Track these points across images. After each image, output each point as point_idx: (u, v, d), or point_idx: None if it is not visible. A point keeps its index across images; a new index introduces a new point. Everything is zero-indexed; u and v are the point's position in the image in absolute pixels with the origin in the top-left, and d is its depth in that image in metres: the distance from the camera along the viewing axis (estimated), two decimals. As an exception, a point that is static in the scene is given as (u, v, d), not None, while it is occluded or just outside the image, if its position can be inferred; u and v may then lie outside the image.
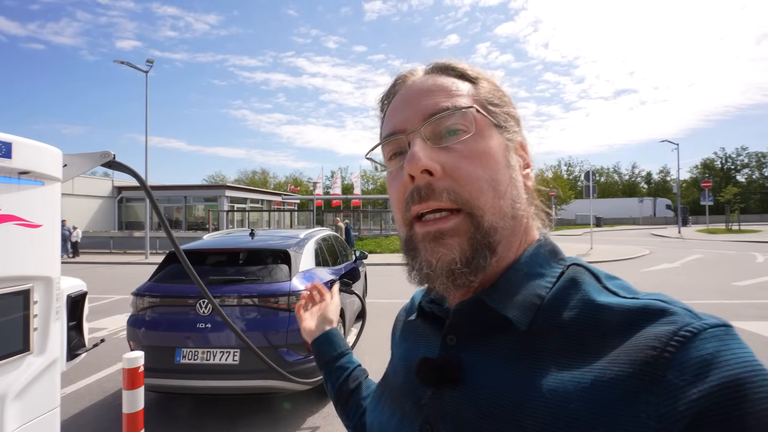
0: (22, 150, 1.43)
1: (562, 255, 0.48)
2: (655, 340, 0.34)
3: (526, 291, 0.43)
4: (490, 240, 0.42)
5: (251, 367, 2.75)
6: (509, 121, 0.48)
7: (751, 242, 19.38)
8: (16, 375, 1.45)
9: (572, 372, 0.37)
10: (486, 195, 0.43)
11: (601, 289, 0.41)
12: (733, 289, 8.07)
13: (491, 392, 0.40)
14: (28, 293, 1.48)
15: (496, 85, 0.50)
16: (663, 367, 0.32)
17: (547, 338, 0.40)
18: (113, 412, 3.38)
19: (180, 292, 3.00)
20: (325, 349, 0.77)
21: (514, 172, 0.46)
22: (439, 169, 0.43)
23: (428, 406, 0.45)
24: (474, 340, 0.44)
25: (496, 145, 0.45)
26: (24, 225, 1.47)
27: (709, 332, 0.33)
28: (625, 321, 0.37)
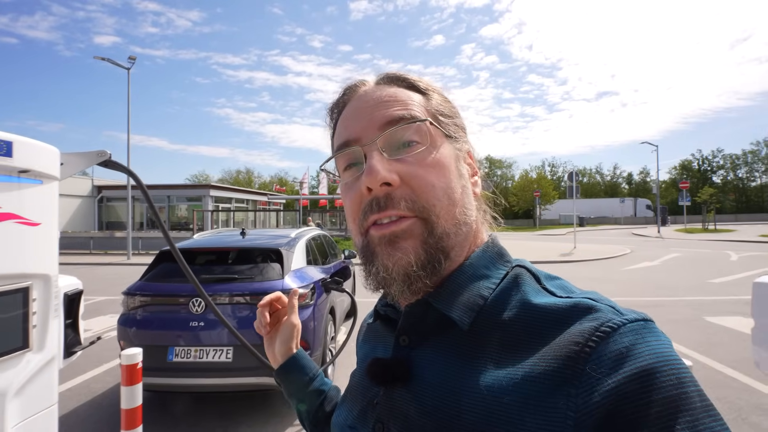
0: (23, 149, 1.44)
1: (508, 257, 0.49)
2: (578, 335, 0.36)
3: (470, 292, 0.44)
4: (443, 245, 0.44)
5: (245, 365, 2.78)
6: (458, 132, 0.50)
7: (725, 241, 20.08)
8: (15, 372, 1.46)
9: (507, 369, 0.38)
10: (441, 203, 0.44)
11: (539, 289, 0.43)
12: (709, 286, 8.40)
13: (435, 390, 0.42)
14: (28, 291, 1.50)
15: (444, 97, 0.51)
16: (583, 360, 0.34)
17: (487, 337, 0.42)
18: (101, 412, 3.36)
19: (172, 290, 3.01)
20: (295, 375, 0.71)
21: (464, 180, 0.48)
22: (397, 179, 0.44)
23: (380, 405, 0.46)
24: (423, 341, 0.46)
25: (447, 155, 0.47)
26: (23, 223, 1.48)
27: (628, 327, 0.35)
28: (555, 319, 0.39)
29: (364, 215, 0.45)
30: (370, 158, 0.44)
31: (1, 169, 1.39)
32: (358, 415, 0.49)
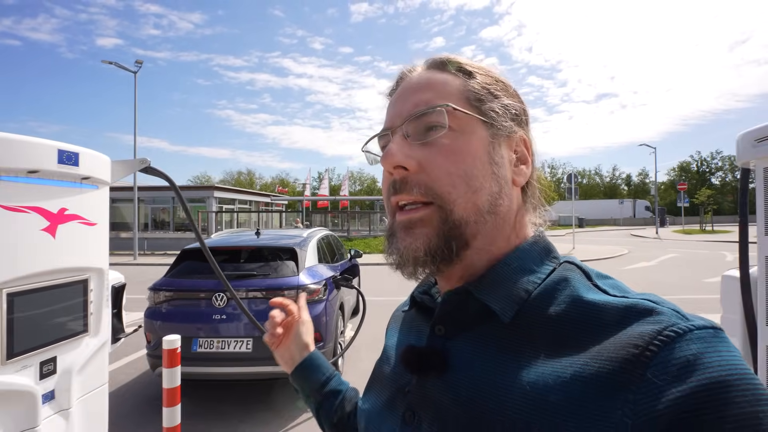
0: (86, 158, 1.66)
1: (556, 253, 0.48)
2: (638, 338, 0.34)
3: (513, 285, 0.43)
4: (459, 232, 0.43)
5: (264, 354, 3.00)
6: (502, 116, 0.47)
7: (722, 242, 20.31)
8: (78, 352, 1.68)
9: (553, 366, 0.37)
10: (457, 190, 0.43)
11: (590, 286, 0.41)
12: (704, 286, 8.63)
13: (472, 382, 0.41)
14: (87, 282, 1.71)
15: (492, 78, 0.49)
16: (643, 365, 0.32)
17: (530, 331, 0.40)
18: (123, 404, 3.58)
19: (195, 286, 3.23)
20: (312, 376, 0.70)
21: (498, 168, 0.46)
22: (414, 165, 0.44)
23: (412, 393, 0.45)
24: (460, 331, 0.45)
25: (476, 140, 0.45)
26: (84, 223, 1.70)
27: (695, 333, 0.33)
28: (610, 318, 0.37)
29: (388, 196, 0.47)
30: (392, 142, 0.46)
31: (69, 177, 1.61)
32: (387, 402, 0.49)
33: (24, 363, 1.42)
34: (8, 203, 1.35)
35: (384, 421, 0.48)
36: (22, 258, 1.39)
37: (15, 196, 1.38)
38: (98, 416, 1.79)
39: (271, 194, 32.57)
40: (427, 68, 0.50)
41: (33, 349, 1.44)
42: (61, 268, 1.56)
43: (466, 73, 0.48)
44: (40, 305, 1.48)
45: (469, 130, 0.45)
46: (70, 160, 1.59)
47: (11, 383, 1.36)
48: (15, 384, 1.37)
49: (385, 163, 0.46)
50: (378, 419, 0.49)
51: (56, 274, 1.54)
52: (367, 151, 0.54)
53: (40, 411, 1.43)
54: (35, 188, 1.46)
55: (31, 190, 1.44)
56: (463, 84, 0.47)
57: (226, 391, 3.71)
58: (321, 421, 0.70)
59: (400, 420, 0.45)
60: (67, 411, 1.58)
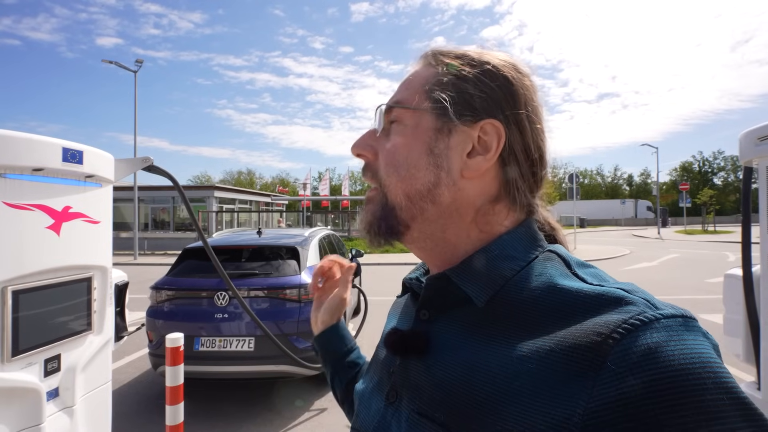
0: (90, 157, 1.67)
1: (542, 242, 0.48)
2: (603, 326, 0.34)
3: (491, 271, 0.44)
4: (394, 214, 0.48)
5: (266, 353, 3.00)
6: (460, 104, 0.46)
7: (724, 242, 20.27)
8: (82, 350, 1.68)
9: (521, 350, 0.37)
10: (390, 178, 0.48)
11: (567, 273, 0.42)
12: (706, 286, 8.63)
13: (447, 364, 0.42)
14: (90, 280, 1.72)
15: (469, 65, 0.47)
16: (604, 353, 0.32)
17: (503, 316, 0.41)
18: (122, 404, 3.58)
19: (197, 285, 3.24)
20: (336, 343, 0.73)
21: (436, 158, 0.46)
22: (371, 154, 0.50)
23: (395, 374, 0.48)
24: (442, 315, 0.47)
25: (416, 132, 0.47)
26: (88, 221, 1.71)
27: (661, 322, 0.33)
28: (580, 305, 0.37)
29: None
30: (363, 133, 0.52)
31: (73, 175, 1.61)
32: (377, 383, 0.52)
33: (29, 360, 1.43)
34: (13, 201, 1.36)
35: (373, 400, 0.51)
36: (27, 255, 1.40)
37: (20, 194, 1.38)
38: (101, 414, 1.79)
39: (271, 194, 32.60)
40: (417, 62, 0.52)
41: (38, 347, 1.44)
42: (66, 265, 1.57)
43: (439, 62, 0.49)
44: (44, 303, 1.49)
45: (411, 123, 0.47)
46: (75, 159, 1.60)
47: (16, 380, 1.36)
48: (20, 381, 1.38)
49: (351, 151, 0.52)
50: (368, 398, 0.52)
51: (60, 271, 1.55)
52: None
53: (44, 408, 1.44)
54: (40, 186, 1.46)
55: (35, 188, 1.44)
56: (429, 75, 0.48)
57: (227, 390, 3.71)
58: (334, 386, 0.73)
59: (384, 398, 0.48)
60: (71, 408, 1.59)
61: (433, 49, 0.50)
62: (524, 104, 0.47)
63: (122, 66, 15.18)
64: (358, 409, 0.54)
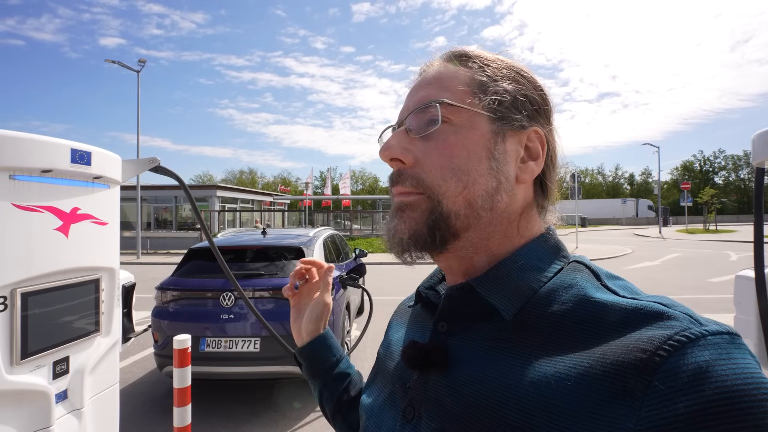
0: (98, 158, 1.66)
1: (566, 252, 0.46)
2: (647, 342, 0.32)
3: (517, 282, 0.42)
4: (447, 224, 0.43)
5: (271, 354, 2.99)
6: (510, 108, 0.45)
7: (726, 242, 20.25)
8: (90, 352, 1.67)
9: (556, 366, 0.35)
10: (447, 184, 0.43)
11: (599, 286, 0.40)
12: (708, 286, 8.60)
13: (472, 380, 0.40)
14: (98, 282, 1.71)
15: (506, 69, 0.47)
16: (651, 371, 0.30)
17: (533, 330, 0.39)
18: (129, 403, 3.58)
19: (203, 285, 3.23)
20: (324, 354, 0.67)
21: (497, 163, 0.44)
22: (410, 158, 0.45)
23: (413, 390, 0.45)
24: (463, 327, 0.44)
25: (473, 134, 0.44)
26: (96, 223, 1.70)
27: (708, 339, 0.31)
28: (618, 320, 0.35)
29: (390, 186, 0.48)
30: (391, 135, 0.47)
31: (81, 176, 1.60)
32: (388, 397, 0.49)
33: (38, 363, 1.42)
34: (22, 203, 1.35)
35: (385, 416, 0.48)
36: (36, 258, 1.39)
37: (29, 196, 1.37)
38: (110, 416, 1.79)
39: (273, 193, 32.62)
40: (442, 61, 0.50)
41: (46, 349, 1.44)
42: (74, 267, 1.56)
43: (478, 64, 0.47)
44: (53, 305, 1.48)
45: (467, 124, 0.44)
46: (83, 160, 1.59)
47: (25, 383, 1.36)
48: (29, 383, 1.37)
49: (381, 155, 0.46)
50: (379, 414, 0.49)
51: (69, 273, 1.54)
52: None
53: (53, 411, 1.43)
54: (48, 188, 1.45)
55: (44, 190, 1.43)
56: (471, 76, 0.46)
57: (233, 390, 3.71)
58: (323, 401, 0.68)
59: (401, 416, 0.45)
60: (79, 411, 1.58)
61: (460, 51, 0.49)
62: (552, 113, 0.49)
63: (125, 66, 15.18)
64: (366, 424, 0.51)
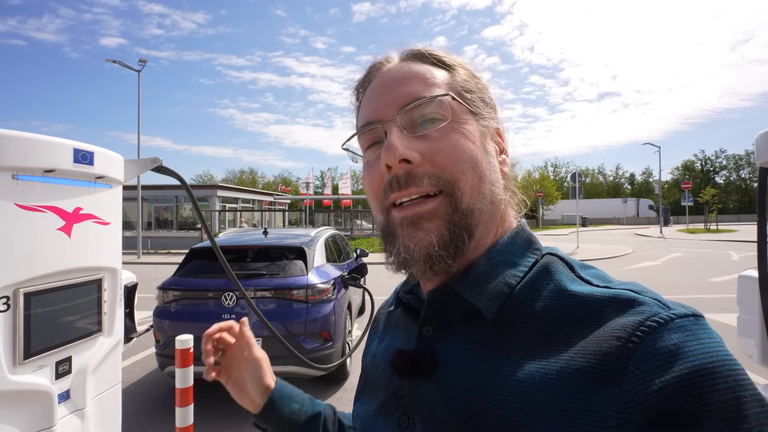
0: (100, 158, 1.66)
1: (538, 245, 0.47)
2: (620, 330, 0.33)
3: (495, 279, 0.42)
4: (468, 221, 0.42)
5: (273, 354, 2.95)
6: (485, 108, 0.47)
7: (727, 241, 20.25)
8: (92, 352, 1.67)
9: (539, 362, 0.36)
10: (467, 175, 0.42)
11: (573, 278, 0.41)
12: (709, 285, 8.58)
13: (461, 382, 0.40)
14: (101, 282, 1.71)
15: (470, 72, 0.49)
16: (626, 357, 0.32)
17: (515, 327, 0.40)
18: (131, 403, 3.58)
19: (204, 285, 3.23)
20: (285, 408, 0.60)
21: (491, 158, 0.46)
22: (418, 157, 0.42)
23: (404, 398, 0.45)
24: (447, 330, 0.44)
25: (473, 130, 0.45)
26: (98, 223, 1.70)
27: (676, 322, 0.33)
28: (593, 311, 0.36)
29: (384, 194, 0.44)
30: (389, 135, 0.43)
31: (84, 176, 1.60)
32: (381, 406, 0.48)
33: (41, 363, 1.42)
34: (25, 203, 1.35)
35: (380, 426, 0.48)
36: (39, 258, 1.39)
37: (32, 196, 1.37)
38: (112, 416, 1.79)
39: (274, 193, 32.64)
40: (406, 60, 0.49)
41: (49, 349, 1.44)
42: (77, 267, 1.56)
43: (446, 65, 0.48)
44: (55, 305, 1.48)
45: (464, 121, 0.45)
46: (86, 160, 1.59)
47: (28, 383, 1.36)
48: (32, 384, 1.37)
49: (388, 158, 0.42)
50: (374, 424, 0.49)
51: (71, 273, 1.54)
52: (348, 149, 0.52)
53: (56, 410, 1.43)
54: (51, 188, 1.45)
55: (47, 190, 1.43)
56: (448, 76, 0.47)
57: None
58: None
59: (396, 425, 0.45)
60: (82, 411, 1.58)
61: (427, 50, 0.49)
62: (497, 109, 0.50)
63: (126, 65, 15.19)
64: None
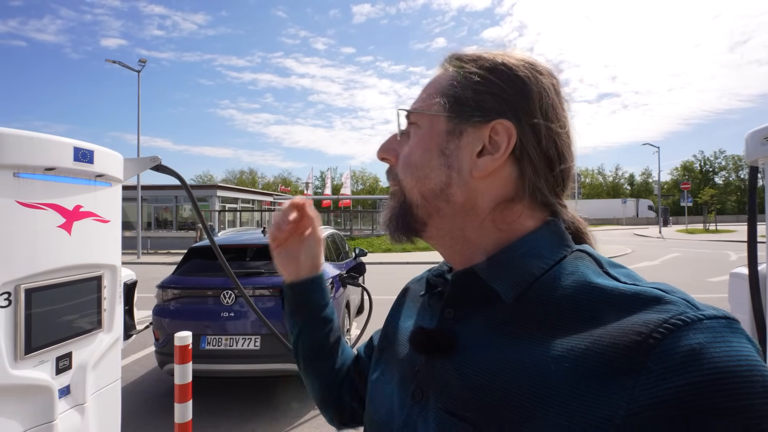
0: (100, 156, 1.68)
1: (569, 242, 0.47)
2: (642, 325, 0.33)
3: (519, 268, 0.44)
4: (411, 212, 0.50)
5: (272, 352, 3.01)
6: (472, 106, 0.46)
7: (725, 242, 20.24)
8: (92, 348, 1.69)
9: (555, 348, 0.37)
10: (407, 178, 0.50)
11: (600, 272, 0.41)
12: (707, 285, 8.63)
13: (476, 362, 0.41)
14: (100, 279, 1.73)
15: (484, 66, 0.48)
16: (645, 352, 0.31)
17: (533, 313, 0.41)
18: (130, 402, 3.60)
19: (204, 283, 3.25)
20: (314, 296, 0.68)
21: (447, 159, 0.47)
22: (392, 157, 0.53)
23: (421, 373, 0.47)
24: (468, 313, 0.46)
25: (429, 134, 0.49)
26: (98, 220, 1.72)
27: (704, 323, 0.32)
28: (616, 304, 0.36)
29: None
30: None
31: (84, 174, 1.62)
32: (399, 380, 0.51)
33: (41, 358, 1.44)
34: (26, 200, 1.37)
35: (395, 398, 0.50)
36: (39, 254, 1.41)
37: (33, 193, 1.40)
38: (111, 412, 1.81)
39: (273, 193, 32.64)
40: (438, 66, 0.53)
41: (50, 345, 1.46)
42: (77, 264, 1.58)
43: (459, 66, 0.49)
44: (56, 301, 1.50)
45: (425, 125, 0.49)
46: (86, 158, 1.61)
47: (30, 377, 1.38)
48: (33, 378, 1.39)
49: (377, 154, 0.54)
50: (390, 396, 0.51)
51: (72, 270, 1.56)
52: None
53: (56, 405, 1.45)
54: (52, 185, 1.47)
55: (47, 187, 1.45)
56: (444, 79, 0.50)
57: (233, 388, 3.73)
58: (298, 341, 0.68)
59: (410, 397, 0.47)
60: (82, 406, 1.60)
61: (451, 54, 0.51)
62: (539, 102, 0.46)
63: (126, 66, 15.20)
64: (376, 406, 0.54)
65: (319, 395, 0.69)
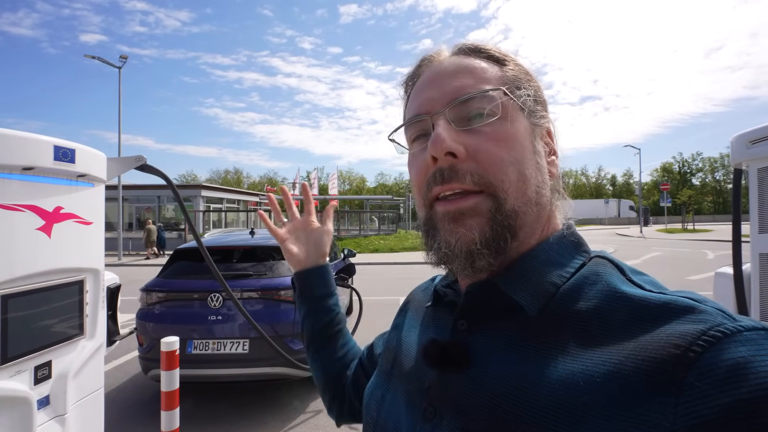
0: (82, 155, 1.61)
1: (587, 247, 0.45)
2: (679, 338, 0.31)
3: (540, 278, 0.41)
4: (511, 223, 0.41)
5: (260, 355, 2.95)
6: (536, 106, 0.46)
7: (703, 241, 20.94)
8: (74, 356, 1.62)
9: (584, 363, 0.34)
10: (510, 178, 0.41)
11: (624, 280, 0.39)
12: (687, 283, 8.83)
13: (495, 378, 0.39)
14: (82, 283, 1.66)
15: (523, 68, 0.48)
16: (685, 367, 0.30)
17: (558, 326, 0.38)
18: (112, 409, 3.49)
19: (190, 286, 3.16)
20: (317, 284, 0.70)
21: (540, 158, 0.45)
22: (463, 151, 0.42)
23: (433, 389, 0.44)
24: (483, 325, 0.43)
25: (522, 129, 0.44)
26: (80, 222, 1.65)
27: (744, 335, 0.30)
28: (646, 315, 0.34)
29: (428, 186, 0.44)
30: (437, 127, 0.43)
31: (65, 174, 1.56)
32: (407, 396, 0.47)
33: (18, 368, 1.37)
34: (3, 201, 1.30)
35: (403, 415, 0.46)
36: (17, 258, 1.34)
37: (9, 194, 1.33)
38: (94, 422, 1.74)
39: (259, 194, 32.25)
40: (457, 54, 0.49)
41: (28, 353, 1.39)
42: (57, 268, 1.51)
43: (498, 61, 0.47)
44: (35, 308, 1.43)
45: (513, 118, 0.44)
46: (66, 157, 1.54)
47: (5, 389, 1.31)
48: (9, 390, 1.32)
49: (434, 149, 0.42)
50: (397, 413, 0.48)
51: (52, 274, 1.49)
52: (394, 140, 0.51)
53: (35, 417, 1.38)
54: (30, 186, 1.40)
55: (26, 188, 1.38)
56: (499, 71, 0.46)
57: (221, 393, 3.65)
58: (304, 325, 0.71)
59: (421, 416, 0.44)
60: (62, 417, 1.53)
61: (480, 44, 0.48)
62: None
63: (105, 61, 14.80)
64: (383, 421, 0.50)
65: (320, 381, 0.71)
